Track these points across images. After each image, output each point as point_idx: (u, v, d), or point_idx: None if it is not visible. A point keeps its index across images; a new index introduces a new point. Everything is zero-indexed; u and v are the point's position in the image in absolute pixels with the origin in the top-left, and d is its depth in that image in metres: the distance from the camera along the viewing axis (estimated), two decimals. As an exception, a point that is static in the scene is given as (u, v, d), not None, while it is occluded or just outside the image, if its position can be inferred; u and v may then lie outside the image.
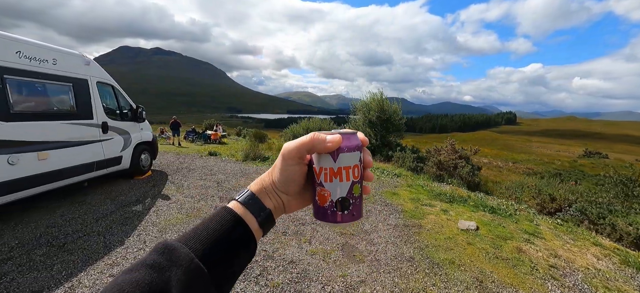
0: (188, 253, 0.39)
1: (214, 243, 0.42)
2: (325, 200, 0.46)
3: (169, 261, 0.38)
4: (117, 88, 5.56)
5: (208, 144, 17.73)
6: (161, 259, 0.38)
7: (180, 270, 0.37)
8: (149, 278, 0.35)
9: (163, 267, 0.37)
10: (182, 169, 7.37)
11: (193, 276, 0.38)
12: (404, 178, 7.95)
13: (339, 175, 0.45)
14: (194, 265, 0.38)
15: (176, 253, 0.39)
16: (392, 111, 14.23)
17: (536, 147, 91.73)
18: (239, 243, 0.44)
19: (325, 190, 0.46)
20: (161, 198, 5.01)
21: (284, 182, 0.48)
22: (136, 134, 6.00)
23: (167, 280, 0.36)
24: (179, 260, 0.38)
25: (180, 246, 0.40)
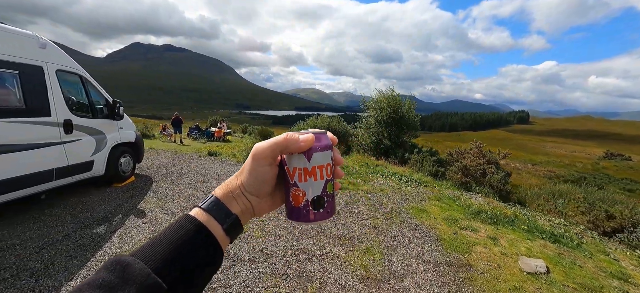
0: (143, 269, 0.36)
1: (174, 255, 0.38)
2: (300, 200, 0.46)
3: (121, 279, 0.34)
4: (86, 78, 4.59)
5: (211, 142, 16.90)
6: (111, 277, 0.35)
7: (134, 287, 0.34)
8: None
9: (114, 286, 0.34)
10: (172, 173, 6.42)
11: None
12: (427, 187, 6.82)
13: (313, 175, 0.45)
14: (151, 281, 0.35)
15: (130, 269, 0.35)
16: (405, 109, 13.04)
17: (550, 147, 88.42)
18: (202, 253, 0.41)
19: (299, 190, 0.45)
20: (135, 215, 4.04)
21: (254, 184, 0.46)
22: (113, 134, 5.04)
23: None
24: (132, 277, 0.35)
25: (134, 261, 0.36)
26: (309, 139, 0.45)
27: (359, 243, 3.51)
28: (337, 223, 4.03)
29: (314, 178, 0.45)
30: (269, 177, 0.46)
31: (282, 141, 0.44)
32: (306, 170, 0.45)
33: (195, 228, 0.42)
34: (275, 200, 0.50)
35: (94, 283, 0.34)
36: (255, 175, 0.46)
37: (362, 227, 3.97)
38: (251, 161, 0.46)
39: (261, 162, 0.45)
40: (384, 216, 4.44)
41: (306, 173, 0.45)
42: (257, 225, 3.78)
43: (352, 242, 3.54)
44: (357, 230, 3.88)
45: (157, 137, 17.06)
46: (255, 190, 0.46)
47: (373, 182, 6.53)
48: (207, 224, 0.42)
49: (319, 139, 0.46)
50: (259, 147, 0.45)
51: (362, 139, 13.62)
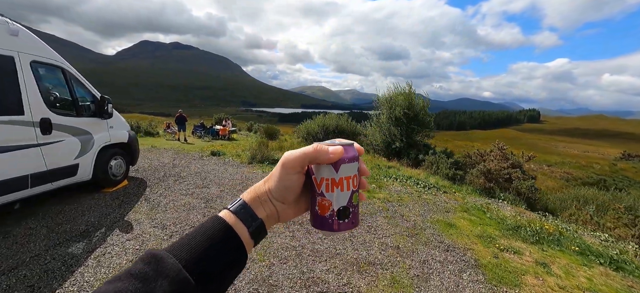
0: (175, 264, 0.38)
1: (203, 253, 0.40)
2: (327, 210, 0.47)
3: (155, 271, 0.37)
4: (69, 71, 4.06)
5: (216, 140, 16.45)
6: (147, 269, 0.37)
7: (167, 281, 0.36)
8: (132, 288, 0.34)
9: (149, 277, 0.36)
10: (170, 176, 5.90)
11: (179, 288, 0.36)
12: (447, 194, 6.16)
13: (340, 185, 0.46)
14: (181, 276, 0.37)
15: (163, 263, 0.38)
16: (420, 108, 12.32)
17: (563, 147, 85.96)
18: (228, 254, 0.42)
19: (326, 200, 0.46)
20: (121, 228, 3.50)
21: (281, 191, 0.47)
22: (101, 134, 4.52)
23: (151, 290, 0.35)
24: (165, 271, 0.37)
25: (167, 256, 0.39)
26: (338, 152, 0.45)
27: (382, 270, 2.90)
28: (354, 242, 3.42)
29: (340, 189, 0.46)
30: (296, 185, 0.48)
31: (311, 152, 0.46)
32: (333, 180, 0.46)
33: (223, 229, 0.43)
34: (299, 207, 0.51)
35: (131, 272, 0.37)
36: (283, 182, 0.47)
37: (383, 247, 3.35)
38: (280, 169, 0.47)
39: (290, 171, 0.46)
40: (407, 232, 3.81)
41: (333, 183, 0.46)
42: (259, 245, 3.21)
43: (373, 268, 2.93)
44: (377, 251, 3.26)
45: (161, 134, 16.70)
46: (281, 197, 0.48)
47: (389, 188, 5.90)
48: (234, 226, 0.44)
49: (346, 151, 0.46)
50: (289, 156, 0.46)
51: (373, 139, 12.96)
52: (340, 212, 0.46)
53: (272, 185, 0.48)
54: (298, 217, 0.52)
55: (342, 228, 0.48)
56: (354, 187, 0.47)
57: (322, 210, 0.47)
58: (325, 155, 0.45)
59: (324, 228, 0.48)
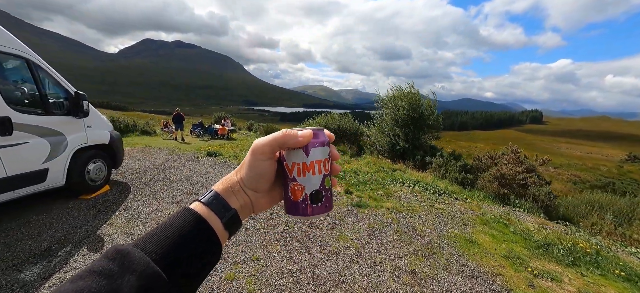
0: (143, 258, 0.36)
1: (174, 246, 0.38)
2: (299, 195, 0.46)
3: (121, 267, 0.34)
4: (36, 63, 3.56)
5: (215, 140, 15.98)
6: (111, 265, 0.34)
7: (134, 276, 0.34)
8: (96, 286, 0.32)
9: (114, 274, 0.34)
10: (158, 180, 5.41)
11: (149, 282, 0.34)
12: (459, 200, 5.63)
13: (311, 169, 0.46)
14: (151, 270, 0.35)
15: (129, 258, 0.35)
16: (425, 108, 11.76)
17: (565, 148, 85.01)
18: (201, 246, 0.41)
19: (298, 185, 0.46)
20: (89, 246, 3.00)
21: (253, 179, 0.46)
22: (77, 135, 4.02)
23: (117, 288, 0.33)
24: (132, 266, 0.35)
25: (134, 250, 0.36)
26: (307, 135, 0.46)
27: (398, 304, 2.39)
28: (362, 265, 2.90)
29: (312, 173, 0.46)
30: (267, 172, 0.47)
31: (280, 136, 0.45)
32: (304, 165, 0.46)
33: (194, 221, 0.41)
34: (273, 197, 0.51)
35: (94, 270, 0.34)
36: (254, 170, 0.46)
37: (396, 272, 2.84)
38: (250, 156, 0.46)
39: (260, 157, 0.46)
40: (422, 251, 3.29)
41: (304, 168, 0.46)
42: (250, 269, 2.70)
43: (387, 301, 2.42)
44: (390, 277, 2.74)
45: (158, 133, 16.24)
46: (254, 186, 0.47)
47: (397, 196, 5.38)
48: (207, 218, 0.42)
49: (316, 135, 0.47)
50: (258, 143, 0.46)
51: (376, 140, 12.43)
52: (313, 196, 0.47)
53: (244, 174, 0.47)
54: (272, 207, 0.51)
55: (316, 213, 0.48)
56: (325, 171, 0.48)
57: (295, 196, 0.47)
58: (294, 139, 0.45)
59: (298, 214, 0.47)
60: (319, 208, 0.47)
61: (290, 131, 0.46)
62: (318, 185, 0.47)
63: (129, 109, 71.60)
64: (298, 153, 0.46)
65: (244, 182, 0.47)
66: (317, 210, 0.47)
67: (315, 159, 0.46)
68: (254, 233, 3.40)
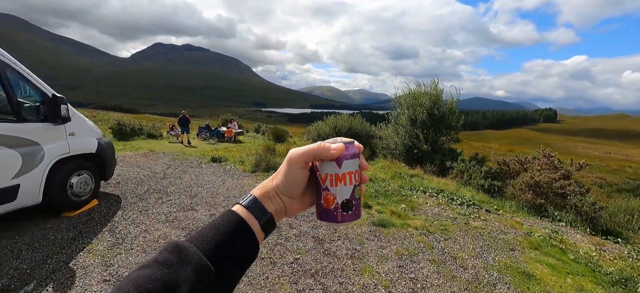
0: (197, 252, 0.41)
1: (220, 243, 0.43)
2: (331, 203, 0.50)
3: (179, 259, 0.40)
4: (5, 61, 3.03)
5: (221, 143, 15.54)
6: (172, 257, 0.40)
7: (190, 267, 0.39)
8: (160, 274, 0.37)
9: (174, 264, 0.39)
10: (154, 192, 4.86)
11: (201, 273, 0.39)
12: (495, 216, 4.88)
13: (343, 180, 0.49)
14: (203, 263, 0.40)
15: (185, 252, 0.40)
16: (447, 108, 10.96)
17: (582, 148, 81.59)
18: (242, 244, 0.45)
19: (331, 194, 0.49)
20: (55, 286, 2.42)
21: (288, 185, 0.50)
22: (56, 144, 3.48)
23: (177, 276, 0.38)
24: (188, 258, 0.40)
25: (189, 245, 0.41)
26: (340, 148, 0.48)
27: None
28: (397, 314, 2.24)
29: (343, 183, 0.49)
30: (301, 180, 0.50)
31: (315, 148, 0.49)
32: (337, 176, 0.49)
33: (237, 222, 0.46)
34: (304, 202, 0.54)
35: (158, 260, 0.39)
36: (289, 177, 0.50)
37: (442, 324, 2.16)
38: (286, 165, 0.50)
39: (295, 166, 0.49)
40: (470, 290, 2.60)
41: (337, 179, 0.49)
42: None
43: None
44: (436, 333, 2.07)
45: (164, 137, 15.91)
46: (288, 192, 0.50)
47: (423, 210, 4.67)
48: (247, 219, 0.47)
49: (348, 148, 0.50)
50: (294, 153, 0.49)
51: (391, 142, 11.68)
52: (344, 204, 0.50)
53: (279, 181, 0.50)
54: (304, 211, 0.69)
55: (346, 220, 0.51)
56: (356, 182, 0.50)
57: (327, 204, 0.50)
58: (327, 152, 0.48)
59: (329, 220, 0.50)
60: (349, 216, 0.50)
61: (323, 144, 0.49)
62: (349, 194, 0.50)
63: (139, 112, 72.68)
64: (331, 164, 0.49)
65: (279, 188, 0.50)
66: (347, 218, 0.50)
67: (347, 170, 0.49)
68: (258, 265, 2.78)
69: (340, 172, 0.49)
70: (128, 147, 11.21)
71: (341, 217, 0.50)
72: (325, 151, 0.48)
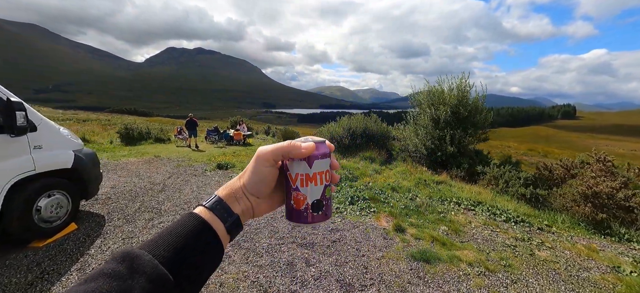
0: (151, 260, 0.37)
1: (180, 249, 0.40)
2: (301, 204, 0.48)
3: (130, 269, 0.36)
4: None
5: (230, 146, 14.95)
6: (121, 267, 0.36)
7: (143, 278, 0.35)
8: (107, 288, 0.33)
9: (123, 276, 0.35)
10: (147, 209, 4.16)
11: (157, 283, 0.36)
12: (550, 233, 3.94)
13: (314, 180, 0.48)
14: (158, 271, 0.36)
15: (138, 261, 0.36)
16: (473, 104, 9.93)
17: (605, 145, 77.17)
18: (205, 248, 0.42)
19: (301, 194, 0.48)
20: None
21: (255, 184, 0.48)
22: (16, 160, 2.80)
23: (128, 289, 0.34)
24: (141, 268, 0.36)
25: (142, 253, 0.38)
26: (310, 147, 0.47)
27: None
28: None
29: (314, 184, 0.48)
30: (269, 178, 0.48)
31: (285, 146, 0.47)
32: (307, 176, 0.48)
33: (199, 225, 0.43)
34: (273, 202, 0.52)
35: (104, 272, 0.35)
36: (257, 175, 0.48)
37: None
38: (254, 162, 0.48)
39: (263, 163, 0.47)
40: None
41: (307, 179, 0.48)
42: None
43: None
44: None
45: (172, 140, 15.46)
46: (256, 191, 0.48)
47: (471, 234, 3.77)
48: (210, 221, 0.44)
49: (318, 147, 0.48)
50: (262, 150, 0.48)
51: (411, 144, 10.73)
52: (315, 205, 0.49)
53: (247, 180, 0.48)
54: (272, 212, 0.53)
55: (316, 220, 0.49)
56: (326, 181, 0.49)
57: (298, 204, 0.49)
58: (297, 150, 0.46)
59: (299, 221, 0.49)
60: (319, 217, 0.49)
61: (294, 142, 0.47)
62: (319, 194, 0.49)
63: (152, 115, 73.83)
64: (301, 164, 0.47)
65: (247, 187, 0.48)
66: (317, 218, 0.49)
67: (317, 170, 0.48)
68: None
69: (310, 172, 0.48)
70: (134, 152, 10.72)
71: (311, 218, 0.49)
72: (296, 149, 0.47)
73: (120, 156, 9.60)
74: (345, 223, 3.79)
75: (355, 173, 7.53)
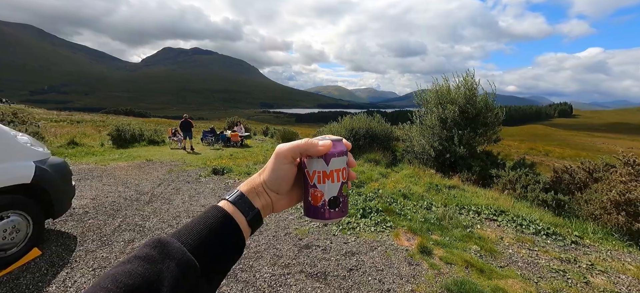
0: (180, 247, 0.40)
1: (205, 239, 0.42)
2: (319, 200, 0.49)
3: (162, 254, 0.38)
4: None
5: (227, 148, 14.36)
6: (154, 252, 0.38)
7: (173, 262, 0.38)
8: (141, 269, 0.36)
9: (156, 260, 0.37)
10: (129, 227, 3.59)
11: (185, 269, 0.38)
12: (585, 247, 3.42)
13: (331, 177, 0.49)
14: (187, 258, 0.39)
15: (168, 247, 0.39)
16: (482, 103, 9.42)
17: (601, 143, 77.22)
18: (228, 239, 0.44)
19: (318, 191, 0.49)
20: None
21: (275, 181, 0.49)
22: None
23: (159, 271, 0.36)
24: (171, 254, 0.38)
25: (172, 241, 0.40)
26: (328, 145, 0.48)
27: None
28: None
29: (331, 181, 0.49)
30: (288, 175, 0.50)
31: (303, 144, 0.48)
32: (325, 173, 0.49)
33: (223, 217, 0.45)
34: (292, 198, 0.53)
35: (138, 256, 0.37)
36: (276, 172, 0.49)
37: None
38: (274, 160, 0.49)
39: (283, 160, 0.49)
40: None
41: (325, 176, 0.49)
42: None
43: None
44: None
45: (166, 142, 14.84)
46: (276, 187, 0.50)
47: (509, 255, 3.22)
48: (233, 214, 0.46)
49: (335, 145, 0.49)
50: (281, 148, 0.49)
51: (417, 144, 10.20)
52: (331, 201, 0.49)
53: (267, 177, 0.50)
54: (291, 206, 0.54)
55: (333, 217, 0.50)
56: (343, 179, 0.50)
57: (315, 201, 0.49)
58: (314, 148, 0.48)
59: (317, 217, 0.50)
60: (336, 213, 0.50)
61: (311, 140, 0.49)
62: (336, 191, 0.49)
63: (149, 115, 72.87)
64: (319, 161, 0.48)
65: (267, 183, 0.50)
66: (334, 215, 0.50)
67: (334, 168, 0.49)
68: None
69: (327, 169, 0.48)
70: (124, 155, 10.10)
71: (328, 214, 0.50)
72: (313, 147, 0.48)
73: (109, 160, 8.99)
74: (361, 244, 3.23)
75: (361, 177, 6.99)
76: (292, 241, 3.24)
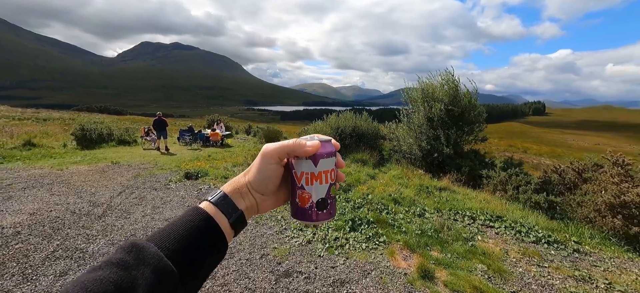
0: (156, 252, 0.37)
1: (184, 242, 0.40)
2: (306, 202, 0.48)
3: (136, 259, 0.36)
4: None
5: (206, 148, 13.50)
6: (128, 258, 0.36)
7: (148, 268, 0.36)
8: (114, 277, 0.34)
9: (130, 266, 0.35)
10: (66, 253, 2.91)
11: (161, 275, 0.36)
12: (591, 258, 3.13)
13: (319, 179, 0.48)
14: (163, 264, 0.37)
15: (144, 252, 0.37)
16: (466, 101, 9.22)
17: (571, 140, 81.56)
18: (209, 243, 0.42)
19: (306, 193, 0.48)
20: None
21: (261, 181, 0.48)
22: None
23: (133, 278, 0.34)
24: (146, 259, 0.36)
25: (148, 245, 0.38)
26: (316, 146, 0.47)
27: None
28: None
29: (319, 182, 0.48)
30: (274, 176, 0.48)
31: (291, 144, 0.47)
32: (313, 174, 0.47)
33: (203, 219, 0.43)
34: (278, 199, 0.52)
35: (111, 262, 0.35)
36: (262, 173, 0.48)
37: None
38: (260, 160, 0.48)
39: (270, 160, 0.47)
40: None
41: (313, 177, 0.48)
42: None
43: None
44: None
45: (139, 143, 13.77)
46: (261, 188, 0.48)
47: (519, 275, 2.82)
48: (214, 216, 0.44)
49: (324, 146, 0.48)
50: (268, 147, 0.48)
51: (404, 144, 9.87)
52: (319, 203, 0.48)
53: (252, 177, 0.48)
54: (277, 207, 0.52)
55: (321, 219, 0.49)
56: (331, 180, 0.49)
57: (303, 202, 0.48)
58: (302, 148, 0.46)
59: (304, 219, 0.49)
60: (324, 215, 0.49)
61: (299, 140, 0.47)
62: (324, 193, 0.48)
63: (125, 113, 69.27)
64: (307, 163, 0.47)
65: (252, 184, 0.48)
66: (322, 216, 0.49)
67: (323, 169, 0.48)
68: None
69: (316, 170, 0.47)
70: (88, 158, 9.12)
71: (316, 216, 0.49)
72: (301, 148, 0.46)
73: (69, 163, 8.03)
74: (351, 268, 2.72)
75: (349, 179, 6.52)
76: (269, 266, 2.69)
